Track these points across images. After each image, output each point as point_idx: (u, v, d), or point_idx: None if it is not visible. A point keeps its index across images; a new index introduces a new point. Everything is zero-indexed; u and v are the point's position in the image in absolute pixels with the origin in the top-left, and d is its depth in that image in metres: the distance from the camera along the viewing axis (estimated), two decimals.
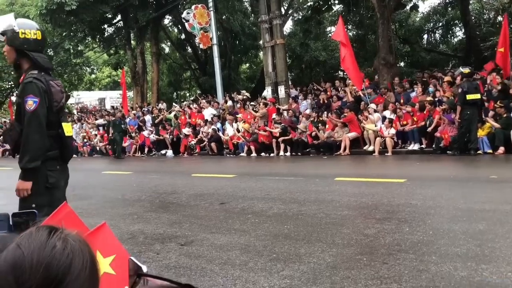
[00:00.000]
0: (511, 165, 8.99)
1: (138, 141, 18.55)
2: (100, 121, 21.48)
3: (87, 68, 35.78)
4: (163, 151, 17.60)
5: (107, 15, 23.35)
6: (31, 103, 2.76)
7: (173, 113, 18.92)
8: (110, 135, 18.26)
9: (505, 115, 10.33)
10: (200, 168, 11.84)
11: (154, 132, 18.47)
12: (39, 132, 2.77)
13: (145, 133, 18.63)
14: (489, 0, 23.56)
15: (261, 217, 5.15)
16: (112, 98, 38.71)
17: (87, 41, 26.63)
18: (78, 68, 31.88)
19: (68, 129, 3.03)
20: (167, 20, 27.85)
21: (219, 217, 5.35)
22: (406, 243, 3.79)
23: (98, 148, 20.11)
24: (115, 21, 25.30)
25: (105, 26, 25.02)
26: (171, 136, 17.42)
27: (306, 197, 6.09)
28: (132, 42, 25.40)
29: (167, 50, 32.45)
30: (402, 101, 13.32)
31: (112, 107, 25.09)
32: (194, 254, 3.95)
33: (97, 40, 26.05)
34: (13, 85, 32.02)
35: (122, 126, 18.08)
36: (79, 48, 27.91)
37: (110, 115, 19.67)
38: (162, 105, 20.61)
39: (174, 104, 21.74)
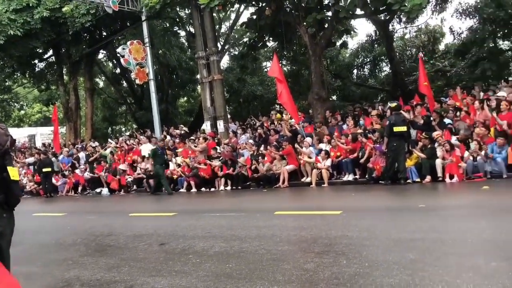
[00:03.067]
0: (437, 193, 9.57)
1: (71, 180, 17.82)
2: (30, 159, 20.45)
3: (15, 104, 34.16)
4: (98, 190, 17.01)
5: (37, 50, 22.58)
6: None
7: (108, 150, 18.43)
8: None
9: (429, 146, 11.07)
10: (138, 207, 11.57)
11: (88, 169, 17.83)
12: None
13: (78, 171, 17.94)
14: (410, 38, 25.50)
15: (202, 256, 5.12)
16: (43, 134, 37.06)
17: (15, 77, 25.52)
18: (6, 104, 30.36)
19: (14, 173, 2.91)
20: (101, 55, 27.41)
21: (159, 259, 5.25)
22: (344, 276, 3.93)
23: (28, 188, 19.03)
24: (46, 56, 24.50)
25: (36, 61, 24.13)
26: (106, 174, 16.89)
27: (247, 233, 6.13)
28: (64, 77, 24.66)
29: (101, 84, 31.81)
30: (336, 133, 13.89)
31: (43, 144, 24.01)
32: None
33: (27, 76, 25.06)
34: None
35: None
36: (6, 84, 26.64)
37: (41, 153, 18.77)
38: (94, 143, 20.00)
39: (109, 140, 21.20)
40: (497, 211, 6.45)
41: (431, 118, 12.06)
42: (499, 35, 19.66)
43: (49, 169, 17.40)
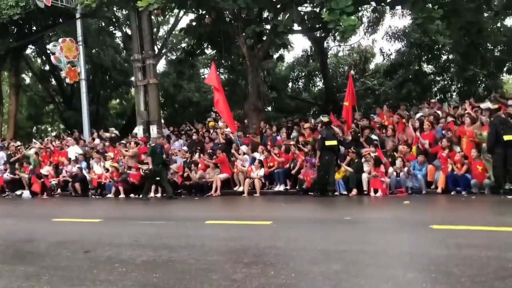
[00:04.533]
0: (362, 206, 10.03)
1: None
2: None
3: None
4: (18, 192, 16.02)
5: None
6: None
7: (33, 150, 17.44)
8: None
9: (356, 161, 11.58)
10: (62, 212, 11.03)
11: (9, 170, 16.75)
12: None
13: None
14: (343, 56, 26.63)
15: (129, 265, 4.99)
16: None
17: None
18: None
19: None
20: (30, 50, 25.97)
21: (83, 267, 5.04)
22: (271, 286, 4.00)
23: None
24: None
25: None
26: (29, 175, 15.95)
27: (176, 243, 6.06)
28: None
29: (28, 81, 30.09)
30: (269, 143, 14.14)
31: None
32: None
33: None
34: None
35: None
36: None
37: None
38: (17, 143, 18.86)
39: (33, 140, 20.07)
40: (416, 225, 6.88)
41: (358, 134, 12.64)
42: (424, 59, 21.10)
43: None
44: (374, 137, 12.57)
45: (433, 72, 22.60)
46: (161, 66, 27.22)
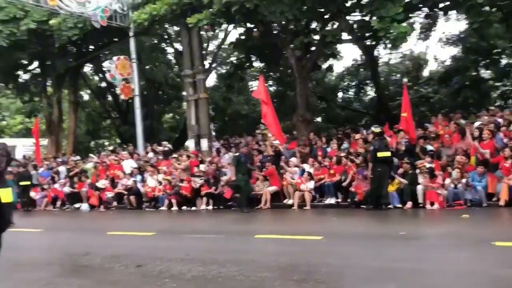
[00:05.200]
0: (417, 220, 9.64)
1: (50, 194, 17.47)
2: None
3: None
4: (77, 205, 16.68)
5: (22, 61, 22.36)
6: None
7: (90, 164, 18.16)
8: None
9: (410, 172, 11.16)
10: (117, 225, 11.36)
11: (68, 184, 17.52)
12: None
13: (57, 185, 17.60)
14: (395, 63, 25.97)
15: (179, 281, 5.01)
16: (25, 146, 36.39)
17: None
18: None
19: (7, 195, 2.80)
20: (87, 68, 27.25)
21: (135, 282, 5.12)
22: None
23: None
24: (31, 67, 24.24)
25: (20, 72, 23.85)
26: (87, 189, 16.60)
27: (226, 257, 6.04)
28: (49, 89, 24.39)
29: (86, 97, 31.53)
30: (320, 154, 13.93)
31: (24, 156, 23.53)
32: None
33: (10, 87, 24.74)
34: None
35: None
36: None
37: (20, 165, 18.41)
38: (76, 157, 19.73)
39: (90, 155, 20.92)
40: (477, 241, 6.48)
41: (414, 145, 12.19)
42: (481, 64, 20.14)
43: (28, 182, 17.03)
44: (429, 147, 12.08)
45: (492, 78, 21.54)
46: (211, 80, 27.75)
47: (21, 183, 16.80)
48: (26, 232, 9.88)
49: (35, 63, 23.59)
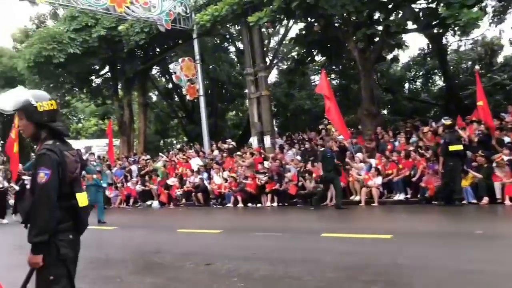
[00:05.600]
0: (495, 217, 9.04)
1: (123, 192, 18.36)
2: (84, 172, 21.25)
3: (74, 117, 35.88)
4: (149, 202, 17.41)
5: (95, 67, 23.65)
6: (42, 176, 2.73)
7: (160, 163, 18.85)
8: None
9: (486, 165, 10.51)
10: (186, 222, 11.69)
11: (140, 182, 18.32)
12: (48, 206, 2.72)
13: (130, 184, 18.45)
14: (466, 50, 24.56)
15: (247, 280, 5.05)
16: (99, 146, 38.57)
17: (74, 92, 26.81)
18: (65, 118, 31.89)
19: (83, 199, 2.97)
20: (154, 70, 28.29)
21: (204, 281, 5.23)
22: None
23: None
24: (103, 72, 25.61)
25: (93, 77, 25.29)
26: (157, 187, 17.28)
27: (293, 257, 6.02)
28: (119, 92, 25.63)
29: (154, 98, 32.77)
30: (389, 148, 13.50)
31: (99, 156, 24.89)
32: None
33: (85, 91, 26.27)
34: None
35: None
36: (66, 99, 28.05)
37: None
38: (146, 157, 20.57)
39: (160, 154, 21.72)
40: None
41: (489, 136, 11.46)
42: None
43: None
44: (506, 139, 11.31)
45: None
46: (273, 76, 27.77)
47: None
48: (102, 230, 10.44)
49: (106, 68, 24.88)
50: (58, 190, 2.80)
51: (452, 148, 10.24)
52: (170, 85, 28.68)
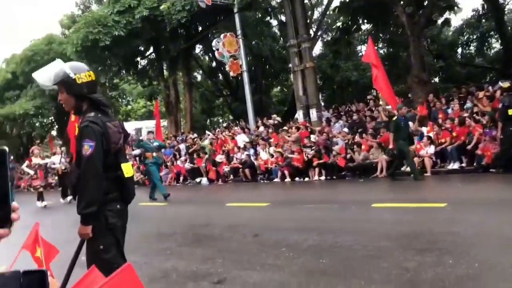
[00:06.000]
0: None
1: (174, 170, 18.76)
2: (136, 151, 21.85)
3: (122, 100, 36.87)
4: (198, 179, 17.69)
5: (140, 48, 24.04)
6: (87, 148, 2.76)
7: (207, 141, 19.06)
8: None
9: None
10: (234, 197, 11.78)
11: (188, 160, 18.63)
12: (95, 177, 2.75)
13: (179, 162, 18.80)
14: None
15: (295, 250, 4.99)
16: (148, 127, 39.55)
17: (121, 74, 27.44)
18: (114, 101, 32.81)
19: (128, 169, 2.98)
20: (198, 49, 28.42)
21: (253, 251, 5.22)
22: (450, 278, 3.55)
23: (134, 178, 20.40)
24: (147, 53, 26.01)
25: (138, 59, 25.75)
26: (205, 164, 17.52)
27: (342, 227, 5.89)
28: (165, 73, 25.99)
29: (199, 78, 33.05)
30: (440, 115, 12.93)
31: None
32: None
33: (131, 73, 26.82)
34: (53, 120, 33.28)
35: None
36: (114, 81, 28.79)
37: None
38: (193, 135, 20.86)
39: (207, 132, 21.95)
40: None
41: None
42: None
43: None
44: None
45: None
46: (318, 48, 27.16)
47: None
48: (154, 206, 10.70)
49: (151, 49, 25.23)
50: (103, 161, 2.81)
51: (511, 112, 9.62)
52: (214, 64, 28.76)
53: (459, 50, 24.96)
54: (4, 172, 0.95)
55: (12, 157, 18.46)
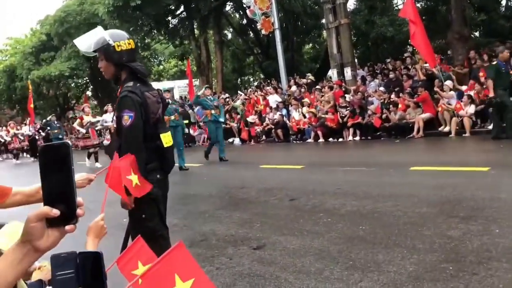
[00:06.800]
0: None
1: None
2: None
3: (154, 60, 36.91)
4: (230, 139, 17.77)
5: (170, 7, 23.75)
6: (126, 118, 2.76)
7: (239, 101, 18.97)
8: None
9: None
10: (267, 158, 11.75)
11: None
12: (135, 147, 2.76)
13: None
14: None
15: (333, 216, 4.96)
16: (180, 87, 39.70)
17: (153, 34, 27.33)
18: (147, 61, 32.90)
19: (167, 139, 2.99)
20: (228, 7, 27.87)
21: (290, 216, 5.23)
22: (497, 248, 3.45)
23: None
24: (178, 12, 25.69)
25: (169, 18, 25.50)
26: (237, 124, 17.53)
27: (380, 192, 5.80)
28: (195, 32, 25.72)
29: (229, 36, 32.59)
30: (481, 74, 12.35)
31: (181, 97, 25.62)
32: (267, 260, 3.86)
33: (162, 32, 26.67)
34: (88, 81, 33.80)
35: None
36: (146, 41, 28.75)
37: (180, 106, 20.06)
38: (225, 95, 20.79)
39: (238, 92, 21.81)
40: None
41: None
42: None
43: (187, 121, 18.56)
44: None
45: None
46: (351, 3, 26.12)
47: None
48: (188, 167, 10.81)
49: (182, 8, 24.89)
50: (143, 131, 2.80)
51: None
52: (245, 21, 28.20)
53: (503, 2, 23.49)
54: (68, 168, 0.92)
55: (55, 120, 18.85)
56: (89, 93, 36.75)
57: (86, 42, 2.85)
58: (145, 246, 1.98)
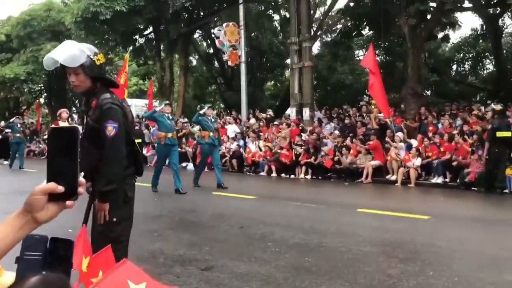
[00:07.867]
0: None
1: None
2: None
3: (115, 75, 36.43)
4: (183, 164, 17.68)
5: (139, 26, 23.81)
6: (111, 129, 2.83)
7: (196, 127, 19.02)
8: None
9: None
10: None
11: None
12: (117, 158, 2.86)
13: None
14: None
15: (281, 246, 5.10)
16: (137, 106, 39.19)
17: (117, 50, 27.14)
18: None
19: (138, 145, 3.12)
20: (197, 34, 28.24)
21: (240, 243, 5.32)
22: None
23: None
24: (146, 32, 25.77)
25: (137, 37, 25.50)
26: (193, 150, 17.52)
27: (327, 228, 6.02)
28: (162, 54, 25.80)
29: (194, 63, 32.86)
30: (430, 129, 13.15)
31: (137, 115, 25.36)
32: (215, 281, 3.92)
33: (128, 50, 26.55)
34: (42, 88, 32.79)
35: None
36: (109, 56, 28.45)
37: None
38: (184, 120, 20.84)
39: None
40: None
41: None
42: None
43: (140, 140, 18.35)
44: None
45: None
46: (316, 48, 27.20)
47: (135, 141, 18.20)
48: (139, 187, 10.66)
49: (150, 28, 25.00)
50: (124, 141, 2.91)
51: (499, 134, 9.88)
52: (211, 50, 28.61)
53: (454, 66, 25.26)
54: (74, 150, 1.02)
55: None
56: (42, 100, 35.56)
57: (68, 56, 2.74)
58: (111, 258, 2.06)
